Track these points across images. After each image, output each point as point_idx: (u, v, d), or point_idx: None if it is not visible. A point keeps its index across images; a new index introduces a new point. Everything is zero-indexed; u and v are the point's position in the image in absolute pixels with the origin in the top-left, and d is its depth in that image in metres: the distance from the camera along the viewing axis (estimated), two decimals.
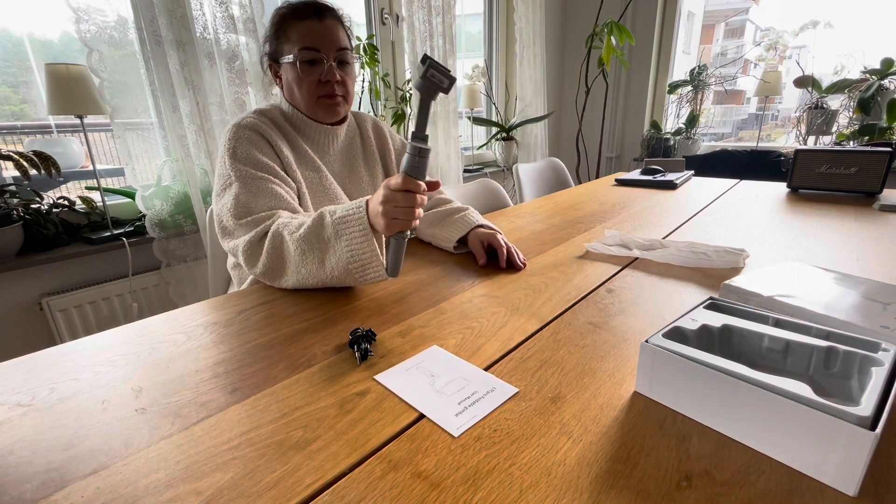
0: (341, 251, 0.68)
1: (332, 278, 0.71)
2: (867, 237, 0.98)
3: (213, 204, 0.84)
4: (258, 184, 0.79)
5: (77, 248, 1.37)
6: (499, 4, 2.81)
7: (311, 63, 0.85)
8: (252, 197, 0.78)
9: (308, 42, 0.83)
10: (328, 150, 0.97)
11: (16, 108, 1.48)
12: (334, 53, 0.86)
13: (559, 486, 0.35)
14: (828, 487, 0.35)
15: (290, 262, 0.72)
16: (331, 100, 0.88)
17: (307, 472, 0.38)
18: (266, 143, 0.85)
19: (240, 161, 0.81)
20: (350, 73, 0.91)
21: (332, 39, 0.85)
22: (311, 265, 0.71)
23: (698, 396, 0.42)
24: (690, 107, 2.98)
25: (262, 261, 0.74)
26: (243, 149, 0.82)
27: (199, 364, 0.55)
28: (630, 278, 0.79)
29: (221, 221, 0.80)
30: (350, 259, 0.68)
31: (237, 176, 0.80)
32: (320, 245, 0.70)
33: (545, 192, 2.00)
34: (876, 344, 0.43)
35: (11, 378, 0.52)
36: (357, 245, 0.67)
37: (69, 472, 0.38)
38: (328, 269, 0.70)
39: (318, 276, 0.71)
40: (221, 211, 0.80)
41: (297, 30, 0.83)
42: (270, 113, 0.91)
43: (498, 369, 0.52)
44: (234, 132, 0.83)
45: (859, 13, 3.38)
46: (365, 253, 0.67)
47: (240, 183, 0.79)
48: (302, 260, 0.71)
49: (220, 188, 0.81)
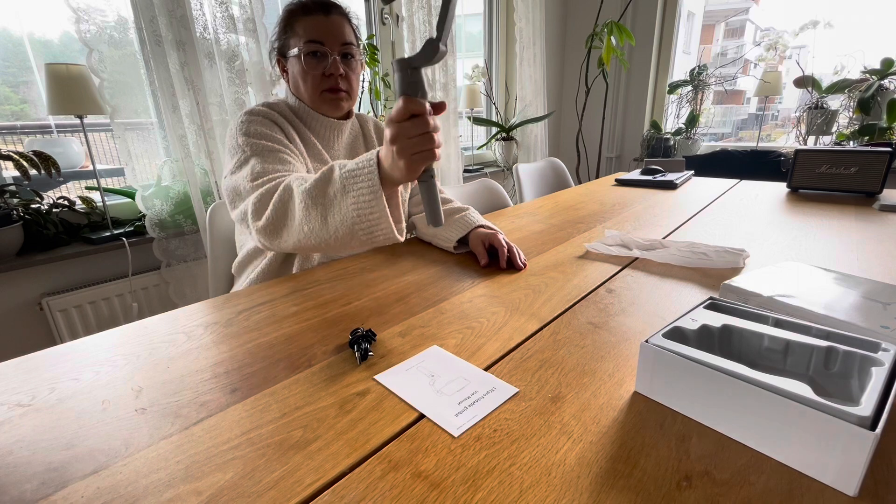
0: (347, 209, 0.62)
1: (336, 239, 0.64)
2: (867, 237, 0.98)
3: (225, 179, 0.82)
4: (273, 154, 0.79)
5: (77, 248, 1.37)
6: (499, 4, 2.81)
7: (316, 56, 0.86)
8: (269, 164, 0.78)
9: (313, 35, 0.85)
10: (333, 146, 0.98)
11: (16, 108, 1.48)
12: (339, 47, 0.87)
13: (559, 486, 0.35)
14: (828, 487, 0.35)
15: (293, 218, 0.67)
16: (334, 94, 0.89)
17: (307, 472, 0.38)
18: (277, 127, 0.86)
19: (253, 136, 0.81)
20: (354, 68, 0.91)
21: (336, 34, 0.86)
22: (315, 222, 0.64)
23: (698, 396, 0.42)
24: (690, 107, 2.98)
25: (268, 214, 0.69)
26: (255, 128, 0.82)
27: (199, 364, 0.55)
28: (630, 278, 0.79)
29: (238, 189, 0.77)
30: (357, 219, 0.62)
31: (253, 150, 0.79)
32: (325, 200, 0.64)
33: (545, 192, 2.00)
34: (876, 344, 0.43)
35: (11, 378, 0.52)
36: (364, 203, 0.60)
37: (69, 472, 0.38)
38: (332, 228, 0.64)
39: (320, 235, 0.65)
40: (238, 181, 0.78)
41: (303, 24, 0.85)
42: (278, 106, 0.92)
43: (498, 369, 0.52)
44: (247, 117, 0.84)
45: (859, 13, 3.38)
46: (373, 213, 0.61)
47: (256, 156, 0.79)
48: (305, 216, 0.65)
49: (235, 165, 0.80)
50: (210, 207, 1.07)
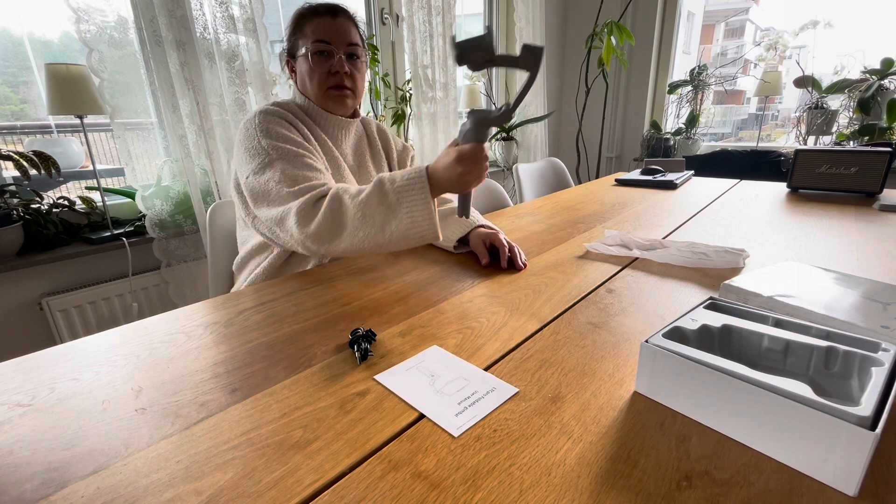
0: (402, 218, 0.72)
1: (390, 241, 0.74)
2: (867, 237, 0.98)
3: (248, 179, 0.83)
4: (300, 159, 0.82)
5: (77, 248, 1.37)
6: (499, 4, 2.80)
7: (322, 55, 0.89)
8: (298, 169, 0.81)
9: (320, 35, 0.88)
10: (342, 144, 1.00)
11: (16, 108, 1.48)
12: (344, 47, 0.90)
13: (559, 486, 0.35)
14: (828, 487, 0.35)
15: (347, 225, 0.75)
16: (339, 91, 0.92)
17: (307, 472, 0.38)
18: (293, 128, 0.88)
19: (275, 139, 0.83)
20: (360, 67, 0.95)
21: (342, 34, 0.90)
22: (371, 228, 0.74)
23: (698, 396, 0.42)
24: (690, 107, 2.98)
25: (318, 220, 0.76)
26: (275, 129, 0.84)
27: (199, 364, 0.55)
28: (630, 278, 0.79)
29: (268, 192, 0.81)
30: (409, 225, 0.72)
31: (278, 154, 0.82)
32: (381, 210, 0.73)
33: (545, 192, 2.00)
34: (876, 344, 0.43)
35: (11, 378, 0.52)
36: (417, 213, 0.72)
37: (69, 472, 0.38)
38: (387, 234, 0.73)
39: (375, 239, 0.74)
40: (266, 184, 0.81)
41: (311, 25, 0.89)
42: (288, 105, 0.94)
43: (498, 369, 0.52)
44: (262, 116, 0.86)
45: (859, 13, 3.38)
46: (424, 220, 0.72)
47: (283, 160, 0.81)
48: (361, 223, 0.74)
49: (259, 166, 0.82)
50: (210, 207, 1.07)
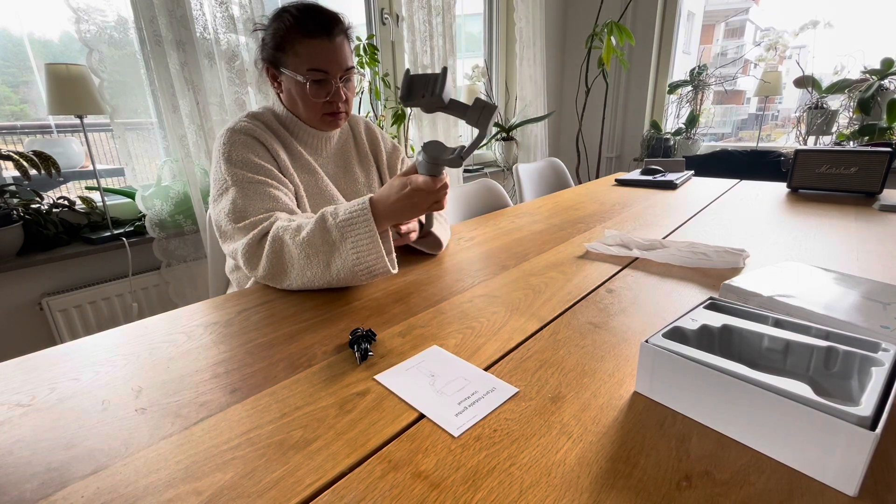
0: (347, 254, 0.69)
1: (339, 280, 0.71)
2: (867, 237, 0.98)
3: (210, 209, 0.84)
4: (255, 187, 0.79)
5: (77, 248, 1.37)
6: (499, 4, 2.81)
7: (319, 83, 0.85)
8: (249, 200, 0.78)
9: (317, 63, 0.83)
10: (321, 153, 0.97)
11: (16, 108, 1.48)
12: (341, 72, 0.86)
13: (559, 486, 0.35)
14: (828, 487, 0.35)
15: (293, 266, 0.72)
16: (334, 116, 0.90)
17: (307, 472, 0.38)
18: (261, 146, 0.85)
19: (235, 165, 0.80)
20: (352, 87, 0.92)
21: (340, 60, 0.85)
22: (317, 268, 0.71)
23: (698, 396, 0.42)
24: (690, 107, 2.98)
25: (263, 264, 0.74)
26: (238, 152, 0.81)
27: (199, 364, 0.55)
28: (630, 278, 0.79)
29: (220, 226, 0.80)
30: (356, 261, 0.69)
31: (233, 180, 0.79)
32: (325, 248, 0.70)
33: (545, 192, 2.00)
34: (876, 344, 0.43)
35: (11, 378, 0.52)
36: (363, 247, 0.68)
37: (69, 472, 0.38)
38: (334, 272, 0.70)
39: (323, 278, 0.71)
40: (219, 216, 0.80)
41: (305, 47, 0.82)
42: (263, 116, 0.90)
43: (498, 369, 0.52)
44: (228, 136, 0.83)
45: (859, 13, 3.38)
46: (370, 254, 0.68)
47: (236, 187, 0.79)
48: (307, 263, 0.71)
49: (217, 193, 0.81)
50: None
